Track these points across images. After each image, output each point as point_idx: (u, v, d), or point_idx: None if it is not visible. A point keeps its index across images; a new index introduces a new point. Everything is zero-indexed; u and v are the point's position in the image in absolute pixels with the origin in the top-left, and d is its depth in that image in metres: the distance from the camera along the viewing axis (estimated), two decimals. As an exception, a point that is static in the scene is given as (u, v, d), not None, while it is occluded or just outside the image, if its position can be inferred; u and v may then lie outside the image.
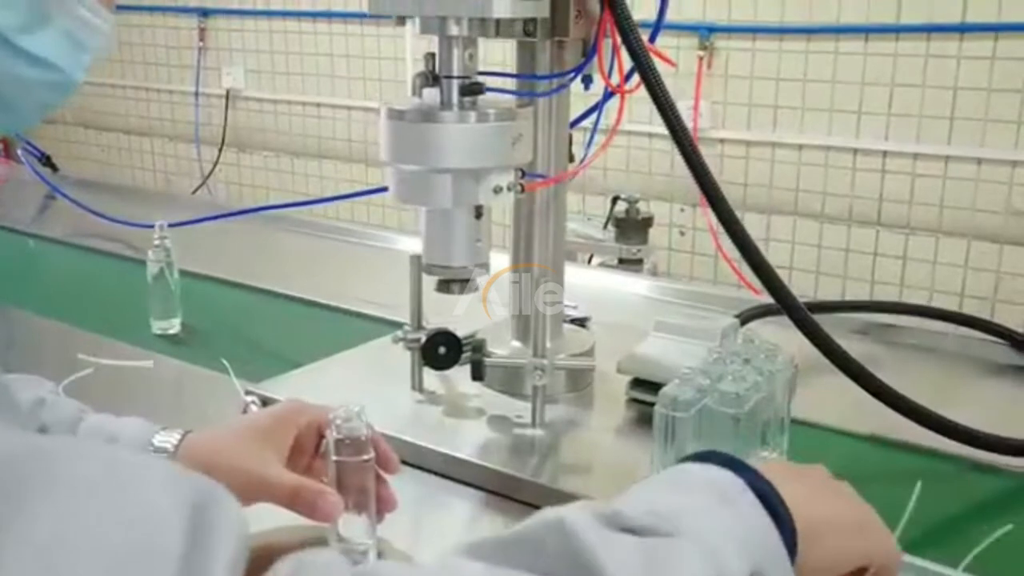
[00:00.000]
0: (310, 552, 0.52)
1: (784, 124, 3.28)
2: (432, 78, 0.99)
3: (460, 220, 1.02)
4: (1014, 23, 2.85)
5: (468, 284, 1.04)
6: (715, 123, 3.37)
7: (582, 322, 1.30)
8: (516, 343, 1.17)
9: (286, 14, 4.36)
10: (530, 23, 1.02)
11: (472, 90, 0.99)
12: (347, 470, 0.79)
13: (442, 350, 1.10)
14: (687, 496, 0.59)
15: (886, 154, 3.13)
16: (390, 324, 1.35)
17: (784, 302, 1.01)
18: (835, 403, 1.13)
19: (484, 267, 1.05)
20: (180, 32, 4.74)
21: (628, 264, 2.74)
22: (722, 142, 3.36)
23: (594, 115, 1.14)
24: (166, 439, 0.85)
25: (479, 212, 1.02)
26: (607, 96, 1.10)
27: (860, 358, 1.03)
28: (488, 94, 1.02)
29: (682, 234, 3.53)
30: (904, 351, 1.37)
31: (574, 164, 1.16)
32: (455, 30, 0.98)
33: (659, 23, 1.12)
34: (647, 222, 2.81)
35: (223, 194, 4.65)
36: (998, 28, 2.88)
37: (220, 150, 4.70)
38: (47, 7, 0.67)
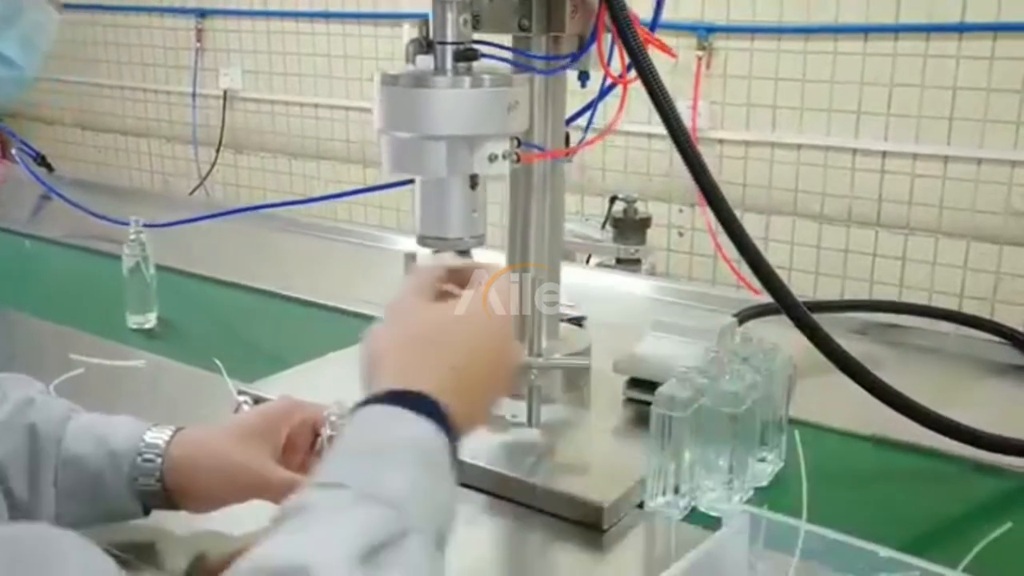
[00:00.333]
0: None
1: (783, 124, 3.27)
2: (426, 44, 0.97)
3: (455, 190, 0.99)
4: (1013, 23, 2.84)
5: (464, 256, 1.02)
6: (713, 123, 3.36)
7: (578, 321, 1.29)
8: (512, 342, 1.16)
9: (283, 14, 4.35)
10: (525, 17, 1.01)
11: (467, 56, 0.96)
12: None
13: (437, 349, 1.08)
14: (397, 469, 0.61)
15: (885, 154, 3.12)
16: (385, 324, 1.33)
17: (783, 301, 1.00)
18: (834, 403, 1.12)
19: (480, 239, 1.02)
20: (177, 33, 4.73)
21: (626, 264, 2.74)
22: (720, 142, 3.35)
23: (591, 112, 1.13)
24: (157, 436, 0.85)
25: (474, 182, 0.99)
26: (605, 91, 1.09)
27: (860, 358, 1.02)
28: (483, 61, 0.99)
29: (680, 235, 3.52)
30: (905, 351, 1.36)
31: (573, 158, 1.15)
32: None
33: (656, 18, 1.11)
34: (645, 222, 2.81)
35: (220, 195, 4.64)
36: (997, 28, 2.87)
37: (217, 151, 4.69)
38: (13, 11, 0.73)
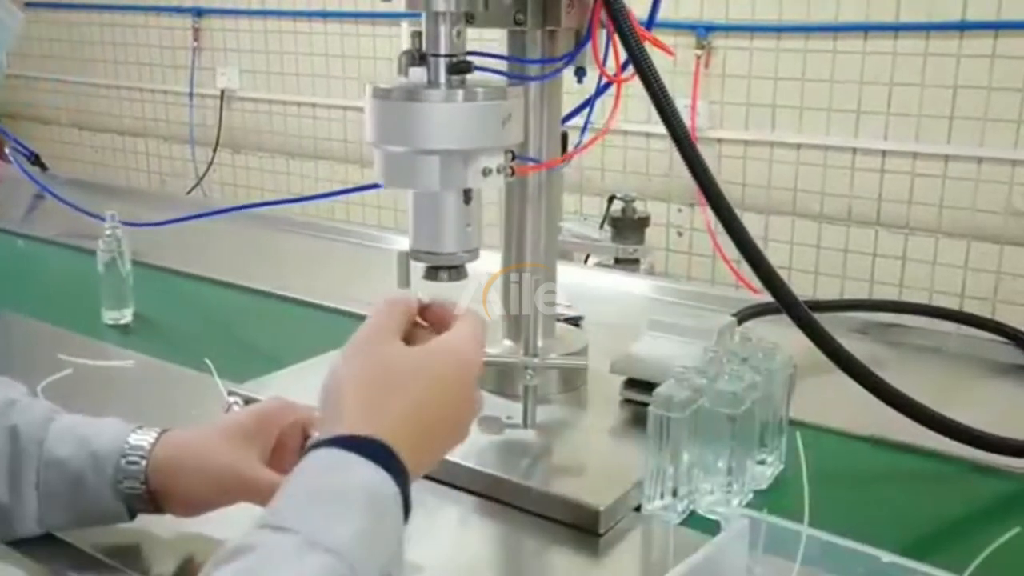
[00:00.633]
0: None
1: (782, 124, 3.26)
2: (419, 56, 0.96)
3: (449, 204, 0.98)
4: (1014, 21, 2.83)
5: (458, 271, 1.01)
6: (713, 123, 3.34)
7: (575, 321, 1.28)
8: (507, 342, 1.14)
9: (281, 14, 4.34)
10: (520, 12, 0.99)
11: (460, 68, 0.95)
12: None
13: (431, 349, 1.06)
14: (346, 517, 0.62)
15: (885, 154, 3.11)
16: (380, 323, 1.32)
17: (783, 300, 0.98)
18: (834, 404, 1.10)
19: (473, 253, 1.01)
20: (174, 32, 4.71)
21: (625, 264, 2.72)
22: (719, 142, 3.34)
23: (587, 112, 1.12)
24: (142, 438, 0.83)
25: (468, 196, 0.98)
26: (602, 89, 1.08)
27: (861, 358, 1.00)
28: (477, 73, 0.98)
29: (680, 235, 3.50)
30: (906, 351, 1.35)
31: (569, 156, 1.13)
32: (442, 5, 0.94)
33: (653, 15, 1.09)
34: (644, 221, 2.79)
35: (218, 195, 4.63)
36: (998, 26, 2.86)
37: (215, 151, 4.68)
38: None
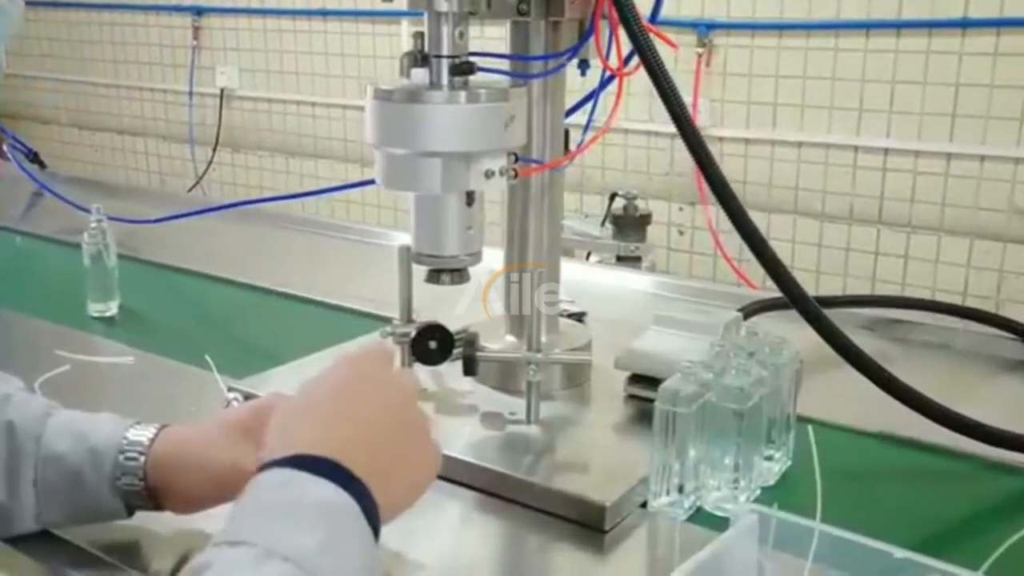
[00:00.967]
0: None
1: (784, 122, 3.25)
2: (421, 58, 0.95)
3: (450, 207, 0.98)
4: (1017, 18, 2.82)
5: (460, 274, 1.00)
6: (714, 121, 3.33)
7: (579, 317, 1.26)
8: (510, 338, 1.13)
9: (280, 12, 4.32)
10: (524, 2, 0.98)
11: (463, 69, 0.94)
12: None
13: (433, 345, 1.05)
14: (301, 528, 0.60)
15: (887, 152, 3.10)
16: (380, 319, 1.30)
17: (791, 293, 0.97)
18: (842, 400, 1.09)
19: (476, 256, 1.01)
20: (174, 31, 4.70)
21: (626, 262, 2.71)
22: (721, 140, 3.32)
23: (589, 106, 1.10)
24: (140, 433, 0.82)
25: (470, 198, 0.98)
26: (604, 82, 1.07)
27: (869, 354, 0.99)
28: (480, 74, 0.98)
29: (681, 233, 3.49)
30: (912, 347, 1.33)
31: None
32: (444, 5, 0.93)
33: (656, 10, 1.08)
34: (645, 219, 2.78)
35: (217, 194, 4.61)
36: (1000, 23, 2.85)
37: (214, 150, 4.66)
38: None
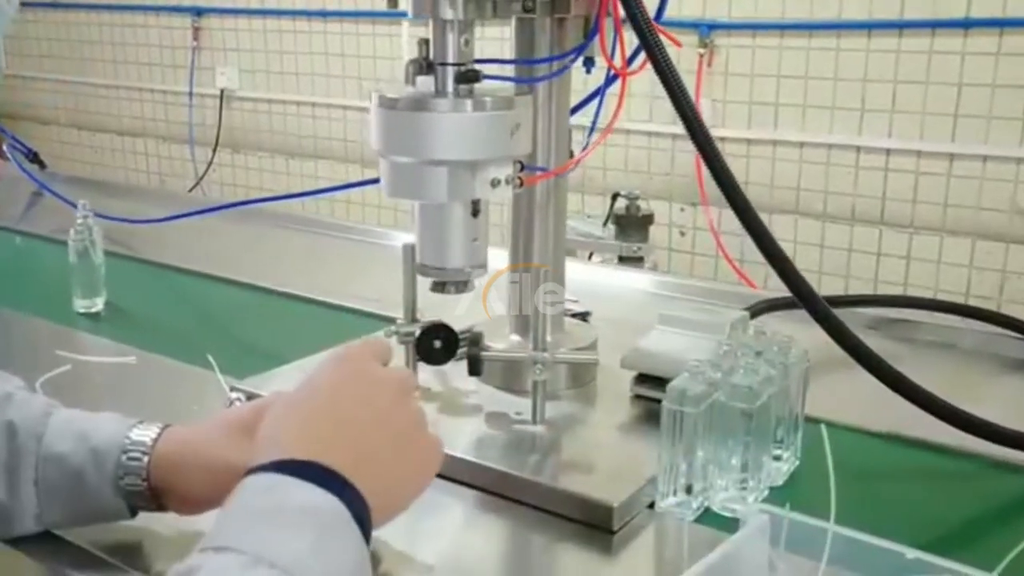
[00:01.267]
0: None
1: (785, 122, 3.24)
2: (426, 65, 0.95)
3: (456, 217, 0.97)
4: (1019, 18, 2.82)
5: (465, 284, 1.00)
6: (715, 121, 3.32)
7: (583, 316, 1.26)
8: (515, 337, 1.12)
9: (280, 13, 4.32)
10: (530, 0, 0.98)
11: (468, 77, 0.94)
12: None
13: (437, 344, 1.05)
14: (288, 533, 0.60)
15: (889, 152, 3.09)
16: (383, 319, 1.30)
17: (800, 292, 0.96)
18: (849, 399, 1.09)
19: (481, 268, 1.00)
20: (174, 32, 4.70)
21: (628, 262, 2.71)
22: (722, 140, 3.31)
23: (592, 107, 1.10)
24: (143, 433, 0.82)
25: (476, 208, 0.97)
26: (609, 81, 1.06)
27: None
28: (485, 82, 0.97)
29: (682, 234, 3.48)
30: (917, 347, 1.33)
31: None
32: (449, 13, 0.93)
33: (663, 6, 1.08)
34: (647, 219, 2.78)
35: (217, 195, 4.61)
36: (1003, 23, 2.85)
37: (214, 151, 4.66)
38: None
